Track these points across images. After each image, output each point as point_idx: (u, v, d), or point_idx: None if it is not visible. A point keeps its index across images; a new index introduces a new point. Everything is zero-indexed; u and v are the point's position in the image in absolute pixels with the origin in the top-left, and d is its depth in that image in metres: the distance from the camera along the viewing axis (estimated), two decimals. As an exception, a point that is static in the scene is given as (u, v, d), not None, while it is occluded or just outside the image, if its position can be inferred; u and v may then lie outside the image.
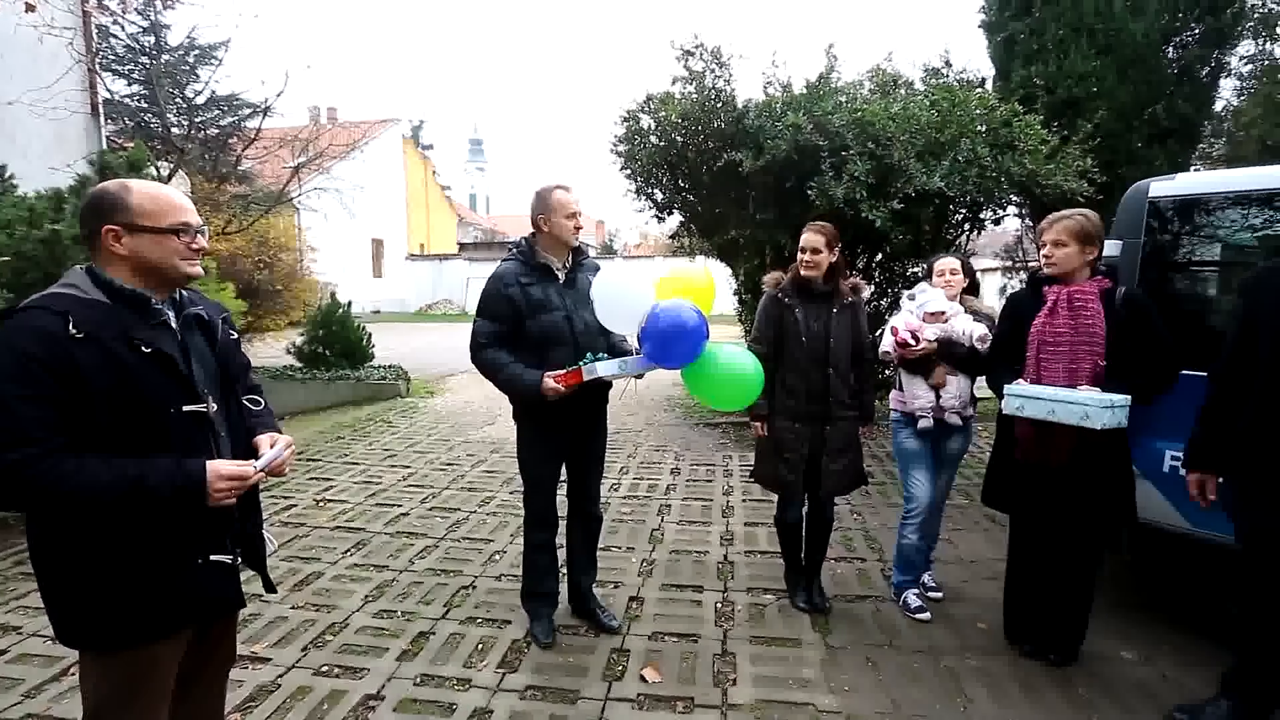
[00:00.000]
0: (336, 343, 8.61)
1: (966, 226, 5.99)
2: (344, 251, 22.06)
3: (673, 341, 2.33)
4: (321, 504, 4.46)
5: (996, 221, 5.99)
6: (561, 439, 2.69)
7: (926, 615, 2.91)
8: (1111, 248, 2.84)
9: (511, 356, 2.52)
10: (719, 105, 5.63)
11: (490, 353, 2.54)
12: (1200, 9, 6.97)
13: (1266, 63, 8.05)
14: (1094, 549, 2.55)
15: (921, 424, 2.89)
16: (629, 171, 6.63)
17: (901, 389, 2.96)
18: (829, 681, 2.48)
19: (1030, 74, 6.98)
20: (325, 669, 2.57)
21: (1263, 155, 7.49)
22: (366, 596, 3.15)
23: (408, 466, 5.38)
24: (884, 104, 5.26)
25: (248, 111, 10.98)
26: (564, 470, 2.81)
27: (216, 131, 11.01)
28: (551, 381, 2.40)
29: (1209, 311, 2.91)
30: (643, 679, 2.50)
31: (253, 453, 1.51)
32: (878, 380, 4.39)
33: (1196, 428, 2.26)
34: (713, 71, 5.74)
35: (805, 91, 5.51)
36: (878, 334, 3.02)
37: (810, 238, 2.76)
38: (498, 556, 3.62)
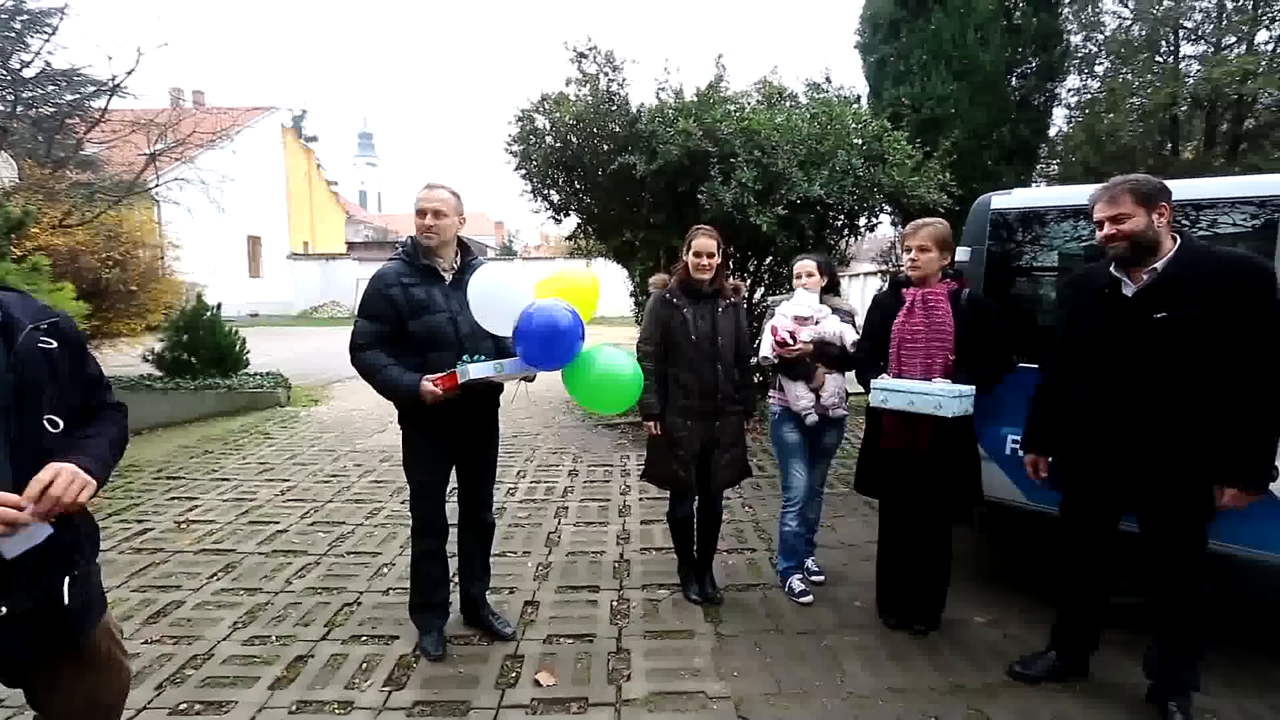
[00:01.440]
0: (204, 348, 7.87)
1: (846, 232, 6.42)
2: (215, 250, 20.20)
3: (545, 343, 2.28)
4: (184, 526, 4.06)
5: (871, 228, 6.46)
6: (449, 444, 2.62)
7: (809, 598, 3.09)
8: (962, 254, 3.14)
9: (391, 358, 2.44)
10: (613, 108, 5.69)
11: (369, 354, 2.45)
12: (1035, 45, 7.88)
13: (1088, 96, 9.23)
14: (949, 526, 2.81)
15: (809, 420, 3.04)
16: (524, 172, 6.56)
17: (782, 389, 3.11)
18: (719, 669, 2.58)
19: (898, 93, 7.61)
20: (184, 707, 2.34)
21: (1085, 175, 8.59)
22: (235, 623, 2.90)
23: (286, 480, 5.02)
24: (769, 114, 5.53)
25: (92, 89, 9.74)
26: (454, 476, 2.74)
27: (52, 110, 9.68)
28: (429, 384, 2.33)
29: (1041, 310, 3.29)
30: (537, 683, 2.48)
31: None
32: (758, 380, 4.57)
33: (1030, 414, 2.55)
34: (606, 74, 5.79)
35: (696, 99, 5.68)
36: (757, 343, 3.14)
37: (704, 241, 2.85)
38: (385, 570, 3.46)
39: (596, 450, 5.93)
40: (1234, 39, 8.21)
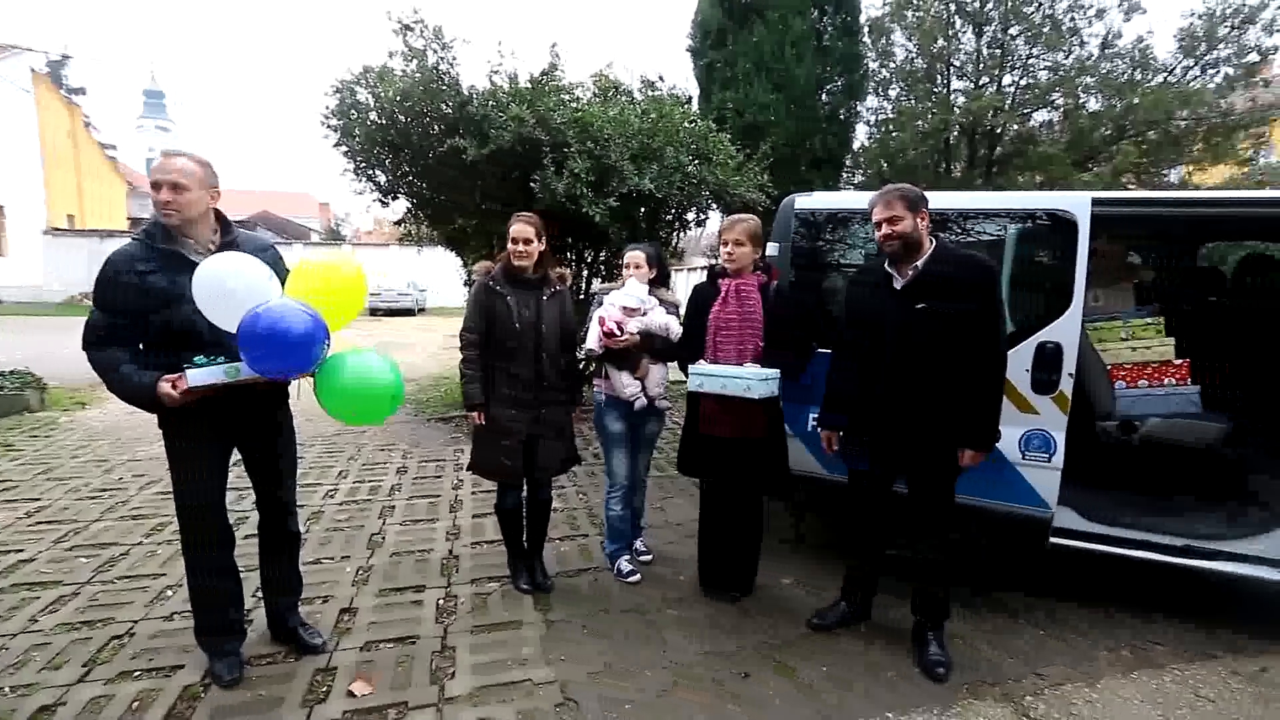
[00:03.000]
0: (-87, 343, 6.29)
1: (676, 225, 6.70)
2: (-67, 219, 16.23)
3: (271, 348, 2.00)
4: (-124, 564, 3.23)
5: (700, 223, 6.81)
6: (220, 444, 2.33)
7: (637, 578, 3.21)
8: (771, 249, 3.43)
9: (128, 355, 2.12)
10: (443, 88, 5.40)
11: (101, 351, 2.12)
12: (841, 66, 8.80)
13: (883, 116, 10.53)
14: (760, 499, 3.06)
15: (636, 405, 3.11)
16: (345, 149, 6.03)
17: (607, 377, 3.16)
18: (547, 655, 2.58)
19: (725, 98, 8.08)
20: None
21: (882, 185, 9.79)
22: (-49, 677, 2.37)
23: (37, 499, 4.18)
24: (604, 108, 5.60)
25: None
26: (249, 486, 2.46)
27: None
28: (167, 386, 2.05)
29: (836, 301, 3.68)
30: (351, 694, 2.32)
31: None
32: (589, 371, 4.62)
33: (824, 394, 2.85)
34: (435, 51, 5.49)
35: (530, 85, 5.58)
36: (583, 332, 3.17)
37: (521, 228, 2.81)
38: (170, 592, 3.02)
39: (429, 445, 5.66)
40: (988, 79, 9.85)
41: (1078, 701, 2.39)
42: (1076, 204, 2.85)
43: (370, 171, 6.26)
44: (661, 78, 7.06)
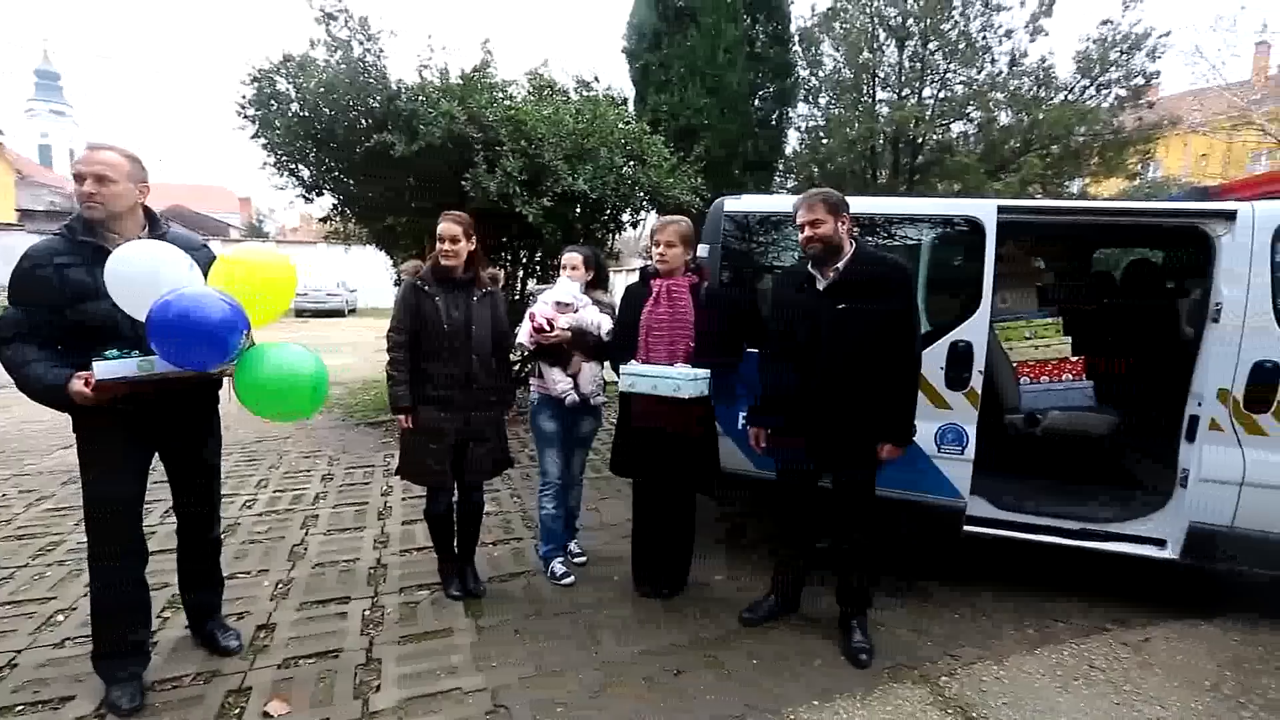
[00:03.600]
0: None
1: (612, 227, 6.71)
2: None
3: (183, 337, 1.90)
4: None
5: (634, 224, 6.84)
6: (141, 448, 2.20)
7: (570, 579, 3.19)
8: (703, 250, 3.48)
9: (42, 353, 2.01)
10: (369, 81, 5.22)
11: (12, 348, 2.00)
12: (773, 73, 9.04)
13: (813, 123, 10.90)
14: (692, 497, 3.10)
15: (568, 401, 3.09)
16: (265, 141, 5.72)
17: (541, 376, 3.15)
18: (477, 662, 2.54)
19: (660, 100, 8.16)
20: None
21: (810, 188, 10.16)
22: None
23: (-96, 520, 3.78)
24: (538, 106, 5.54)
25: None
26: (158, 492, 2.31)
27: None
28: (79, 384, 1.94)
29: (764, 301, 3.77)
30: (267, 715, 2.20)
31: None
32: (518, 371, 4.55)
33: (756, 393, 2.92)
34: (360, 42, 5.30)
35: (461, 82, 5.47)
36: (517, 327, 3.14)
37: (448, 227, 2.75)
38: (61, 617, 2.79)
39: (357, 451, 5.44)
40: (909, 91, 10.37)
41: (987, 679, 2.54)
42: (984, 210, 3.03)
43: (293, 166, 5.97)
44: (597, 78, 7.05)
